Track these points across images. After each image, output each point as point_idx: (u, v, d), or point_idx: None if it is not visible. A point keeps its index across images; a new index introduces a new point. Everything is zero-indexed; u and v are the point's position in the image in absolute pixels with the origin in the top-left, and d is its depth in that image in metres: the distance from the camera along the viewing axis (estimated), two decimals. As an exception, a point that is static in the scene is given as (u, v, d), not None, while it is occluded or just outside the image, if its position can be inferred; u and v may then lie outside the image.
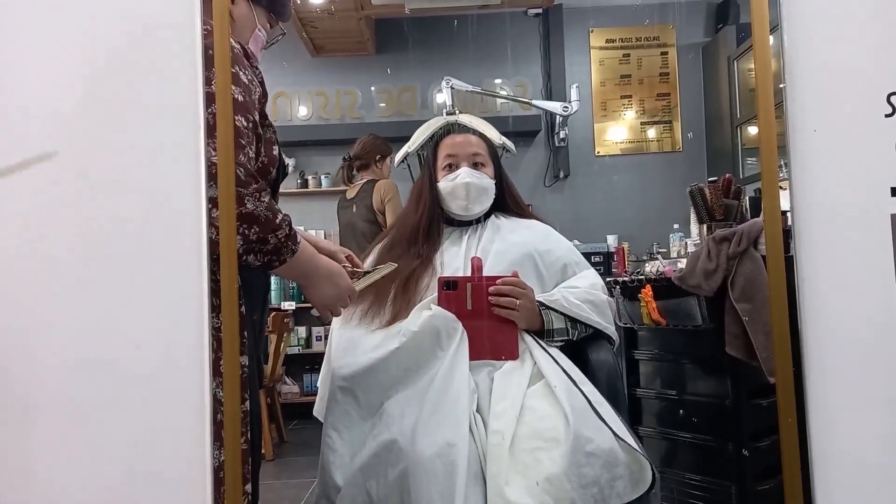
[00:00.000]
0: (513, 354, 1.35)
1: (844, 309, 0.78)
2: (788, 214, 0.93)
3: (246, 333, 1.07)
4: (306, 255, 1.12)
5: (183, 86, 0.76)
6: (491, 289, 1.36)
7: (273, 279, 3.84)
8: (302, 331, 4.59)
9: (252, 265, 1.04)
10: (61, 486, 0.74)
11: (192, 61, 0.76)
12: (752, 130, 4.38)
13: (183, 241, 0.78)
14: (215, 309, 0.91)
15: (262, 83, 1.15)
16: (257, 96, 1.11)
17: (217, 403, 0.76)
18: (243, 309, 1.07)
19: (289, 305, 4.31)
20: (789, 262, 0.88)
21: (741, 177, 4.25)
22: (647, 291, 1.93)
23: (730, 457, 1.81)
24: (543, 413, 1.22)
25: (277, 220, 1.04)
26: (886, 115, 0.76)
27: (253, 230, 1.01)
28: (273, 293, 4.17)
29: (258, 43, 1.24)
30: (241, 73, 1.07)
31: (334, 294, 1.17)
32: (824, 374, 0.76)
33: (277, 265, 1.07)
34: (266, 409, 3.43)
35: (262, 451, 3.45)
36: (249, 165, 1.03)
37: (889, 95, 0.76)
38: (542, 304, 1.41)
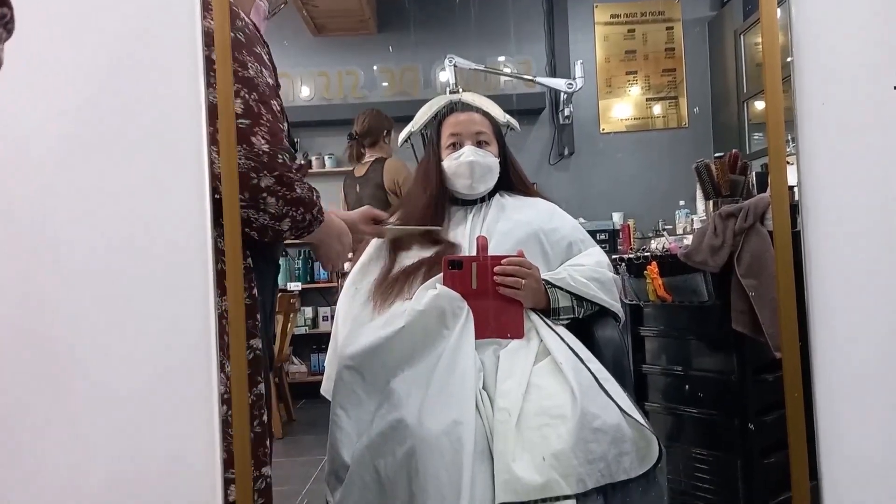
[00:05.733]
0: (518, 333, 1.36)
1: (851, 283, 0.78)
2: (795, 189, 0.92)
3: (259, 316, 1.08)
4: (326, 218, 1.17)
5: (183, 76, 0.76)
6: (496, 268, 1.36)
7: (281, 260, 3.84)
8: (308, 311, 4.62)
9: (286, 238, 1.09)
10: (70, 473, 0.76)
11: (193, 54, 0.76)
12: (759, 105, 4.33)
13: (189, 228, 0.79)
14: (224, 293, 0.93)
15: (271, 58, 1.15)
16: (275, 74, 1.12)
17: (227, 388, 0.77)
18: (255, 292, 1.08)
19: (294, 286, 4.33)
20: (796, 238, 0.88)
21: (748, 152, 4.22)
22: (653, 268, 1.93)
23: (735, 431, 1.82)
24: (550, 390, 1.23)
25: (315, 196, 1.09)
26: (895, 87, 0.75)
27: (300, 212, 1.05)
28: (279, 275, 4.19)
29: (259, 13, 1.23)
30: (263, 53, 1.07)
31: (340, 250, 1.26)
32: (831, 349, 0.76)
33: (306, 235, 1.13)
34: (274, 389, 3.47)
35: (273, 431, 3.51)
36: (291, 149, 1.05)
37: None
38: (547, 282, 1.41)
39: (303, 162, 4.62)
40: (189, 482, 0.76)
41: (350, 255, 1.33)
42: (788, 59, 0.86)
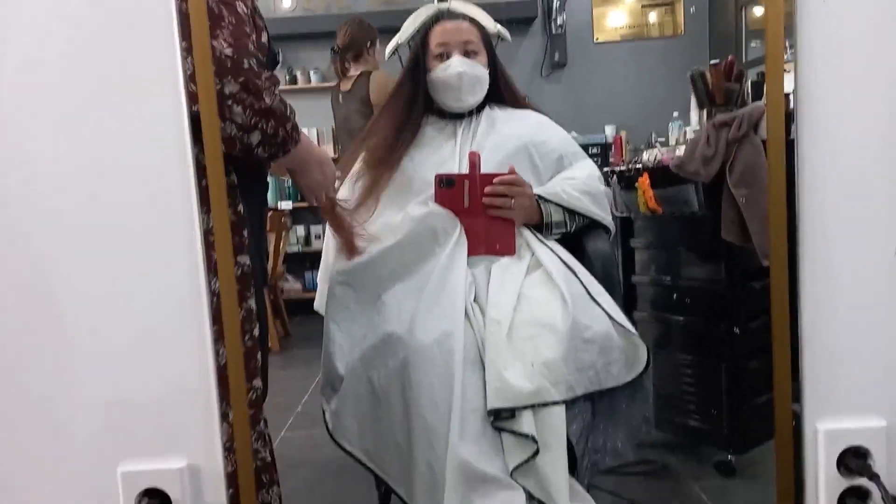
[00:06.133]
0: (510, 250, 1.36)
1: (844, 193, 0.77)
2: (791, 97, 0.90)
3: (246, 232, 1.07)
4: (305, 142, 1.12)
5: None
6: (486, 189, 1.35)
7: (270, 178, 3.80)
8: (301, 229, 4.62)
9: (260, 157, 1.04)
10: (59, 401, 0.77)
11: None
12: (758, 11, 4.19)
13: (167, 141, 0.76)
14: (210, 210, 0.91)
15: None
16: None
17: (218, 303, 0.77)
18: (241, 208, 1.06)
19: (286, 205, 4.31)
20: (790, 148, 0.86)
21: (744, 60, 4.12)
22: (645, 179, 1.92)
23: (721, 337, 1.87)
24: (541, 301, 1.25)
25: (288, 112, 1.03)
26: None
27: (270, 124, 1.00)
28: (270, 194, 4.16)
29: None
30: None
31: (322, 179, 1.19)
32: (819, 257, 0.77)
33: (282, 156, 1.07)
34: (270, 306, 3.52)
35: (269, 345, 3.60)
36: (259, 54, 1.00)
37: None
38: (540, 197, 1.40)
39: (284, 76, 4.48)
40: (184, 399, 0.77)
41: (335, 185, 1.27)
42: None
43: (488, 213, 1.35)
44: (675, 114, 3.82)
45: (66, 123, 0.77)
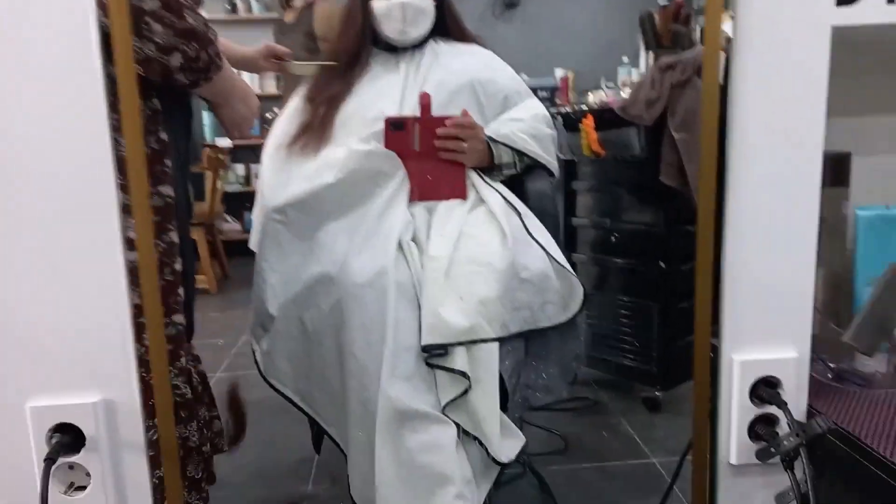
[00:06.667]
0: (461, 194, 1.34)
1: (770, 129, 0.78)
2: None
3: (169, 162, 1.02)
4: (227, 72, 1.05)
5: None
6: (439, 131, 1.31)
7: (207, 113, 3.64)
8: (240, 168, 4.48)
9: (181, 83, 0.98)
10: None
11: None
12: (710, -45, 4.16)
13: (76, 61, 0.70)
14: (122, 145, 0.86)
15: None
16: None
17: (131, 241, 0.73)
18: (163, 136, 1.01)
19: (224, 142, 4.15)
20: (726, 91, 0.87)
21: (695, 7, 4.12)
22: (589, 121, 1.92)
23: (656, 279, 1.93)
24: (481, 239, 1.24)
25: (210, 35, 0.98)
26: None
27: (192, 46, 0.94)
28: (206, 129, 3.98)
29: None
30: None
31: (246, 113, 1.14)
32: (744, 196, 0.78)
33: (203, 83, 1.01)
34: (207, 246, 3.43)
35: (207, 287, 3.53)
36: None
37: None
38: (490, 138, 1.38)
39: (224, 5, 4.23)
40: (99, 333, 0.74)
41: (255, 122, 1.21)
42: None
43: (441, 156, 1.32)
44: (625, 58, 3.81)
45: None
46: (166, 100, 1.02)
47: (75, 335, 0.74)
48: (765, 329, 0.79)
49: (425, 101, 1.33)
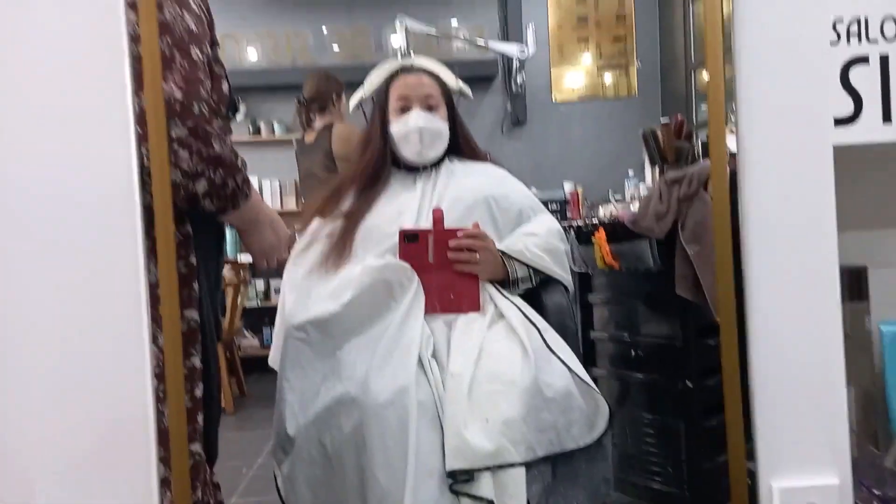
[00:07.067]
0: (474, 306, 1.35)
1: (786, 246, 0.80)
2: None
3: (197, 285, 1.03)
4: (255, 199, 1.09)
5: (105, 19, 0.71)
6: (450, 243, 1.34)
7: (227, 230, 3.74)
8: (260, 283, 4.53)
9: (207, 210, 1.00)
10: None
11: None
12: (707, 75, 4.39)
13: (115, 191, 0.74)
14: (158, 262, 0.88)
15: (207, 9, 1.08)
16: (206, 25, 1.04)
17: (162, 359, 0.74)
18: (193, 259, 1.03)
19: (246, 258, 4.24)
20: (736, 205, 0.89)
21: (695, 122, 4.29)
22: (601, 234, 1.95)
23: (678, 395, 1.87)
24: (502, 355, 1.23)
25: (238, 163, 1.01)
26: (831, 43, 0.76)
27: (218, 173, 0.97)
28: (228, 246, 4.09)
29: None
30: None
31: (275, 241, 1.16)
32: (766, 312, 0.78)
33: (231, 210, 1.04)
34: (225, 363, 3.41)
35: (223, 406, 3.47)
36: (211, 101, 0.98)
37: (834, 22, 0.76)
38: (504, 253, 1.40)
39: (248, 128, 4.48)
40: (122, 456, 0.73)
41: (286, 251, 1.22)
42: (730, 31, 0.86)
43: (455, 268, 1.34)
44: (631, 172, 3.93)
45: (16, 156, 0.75)
46: (199, 222, 1.05)
47: (99, 461, 0.73)
48: (802, 453, 0.77)
49: (438, 215, 1.37)
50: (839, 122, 0.86)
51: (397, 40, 3.48)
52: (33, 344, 0.74)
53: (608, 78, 4.86)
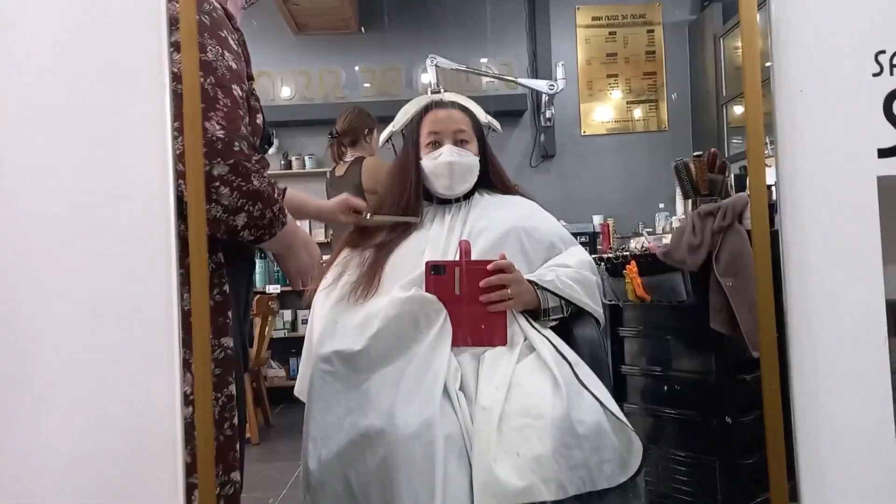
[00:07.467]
0: (503, 340, 1.32)
1: (830, 281, 0.77)
2: (773, 189, 0.91)
3: (230, 314, 1.04)
4: (291, 225, 1.11)
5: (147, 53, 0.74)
6: (481, 283, 1.33)
7: (258, 261, 3.80)
8: (287, 314, 4.57)
9: (245, 240, 1.03)
10: (23, 472, 0.73)
11: (157, 24, 0.73)
12: (738, 110, 4.37)
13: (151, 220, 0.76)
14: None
15: (244, 45, 1.11)
16: (244, 61, 1.08)
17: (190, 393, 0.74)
18: (227, 288, 1.04)
19: (273, 289, 4.28)
20: (774, 237, 0.88)
21: (727, 155, 4.26)
22: (632, 267, 1.93)
23: (714, 432, 1.82)
24: (532, 389, 1.21)
25: (276, 195, 1.03)
26: (874, 74, 0.75)
27: (257, 207, 0.99)
28: (257, 276, 4.14)
29: (237, 2, 1.20)
30: (230, 37, 1.03)
31: (309, 262, 1.18)
32: (808, 348, 0.75)
33: (268, 238, 1.06)
34: (251, 393, 3.42)
35: (248, 436, 3.47)
36: (250, 137, 1.00)
37: (877, 54, 0.75)
38: (536, 284, 1.39)
39: (279, 162, 4.58)
40: (150, 485, 0.73)
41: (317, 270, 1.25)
42: (767, 64, 0.86)
43: (490, 309, 1.33)
44: (662, 205, 3.89)
45: (55, 185, 0.77)
46: (230, 252, 1.07)
47: (129, 490, 0.73)
48: (848, 492, 0.73)
49: (465, 247, 1.37)
50: (883, 153, 0.84)
51: (428, 77, 3.55)
52: (67, 370, 0.75)
53: (637, 113, 4.86)
